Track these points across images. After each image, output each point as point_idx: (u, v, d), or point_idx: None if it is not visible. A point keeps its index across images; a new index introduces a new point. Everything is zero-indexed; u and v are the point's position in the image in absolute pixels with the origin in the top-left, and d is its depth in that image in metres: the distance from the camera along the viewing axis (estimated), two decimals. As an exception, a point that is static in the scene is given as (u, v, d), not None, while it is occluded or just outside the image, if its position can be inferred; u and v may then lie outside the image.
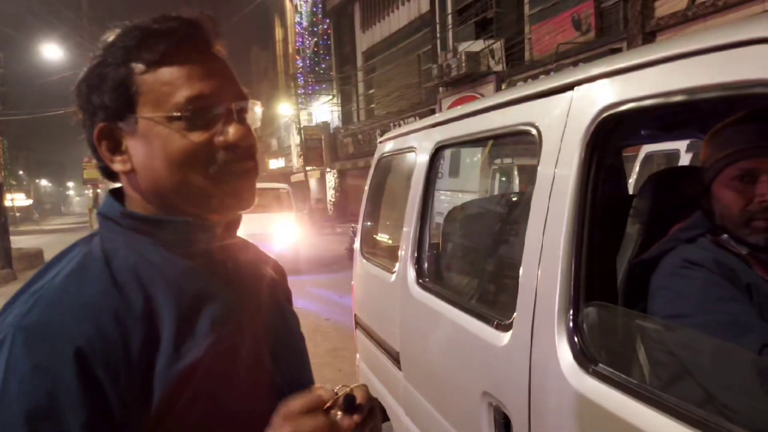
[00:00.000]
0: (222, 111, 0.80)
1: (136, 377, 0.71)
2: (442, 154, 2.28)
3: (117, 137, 0.81)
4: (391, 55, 22.16)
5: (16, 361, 0.67)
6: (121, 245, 0.80)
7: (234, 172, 0.81)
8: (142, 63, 0.78)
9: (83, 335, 0.69)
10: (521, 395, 1.42)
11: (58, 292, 0.73)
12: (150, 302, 0.75)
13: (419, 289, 2.20)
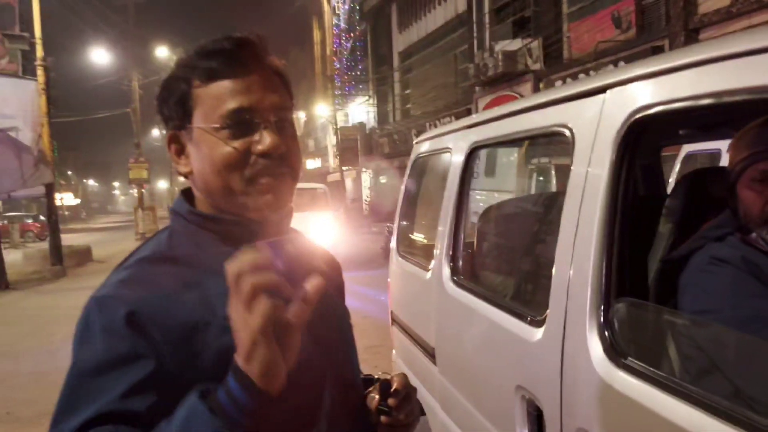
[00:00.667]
0: (260, 121, 0.89)
1: (189, 350, 0.81)
2: (477, 155, 2.33)
3: (182, 143, 0.93)
4: (427, 55, 22.18)
5: (91, 323, 0.82)
6: (184, 237, 0.92)
7: (267, 176, 0.90)
8: (198, 79, 0.89)
9: (140, 301, 0.81)
10: (553, 388, 1.46)
11: (130, 272, 0.87)
12: (203, 286, 0.86)
13: (454, 287, 2.26)
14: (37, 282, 13.85)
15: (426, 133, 3.06)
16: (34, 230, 30.32)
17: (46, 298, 11.63)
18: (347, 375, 1.02)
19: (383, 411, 0.99)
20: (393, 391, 0.99)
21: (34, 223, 31.36)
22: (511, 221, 2.38)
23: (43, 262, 15.45)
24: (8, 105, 14.34)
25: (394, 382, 1.01)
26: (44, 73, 15.02)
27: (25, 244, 26.78)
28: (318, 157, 38.23)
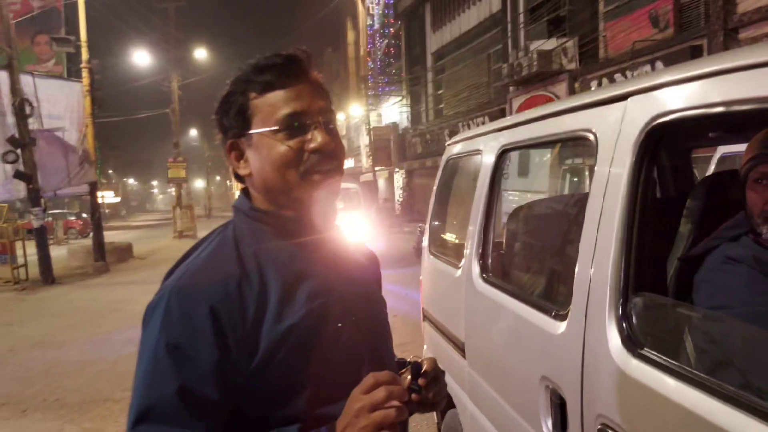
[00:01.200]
0: (310, 123, 1.03)
1: (249, 333, 0.95)
2: (507, 157, 2.43)
3: (241, 149, 1.06)
4: (460, 55, 22.18)
5: (170, 308, 0.94)
6: (247, 232, 1.05)
7: (319, 170, 1.03)
8: (254, 91, 1.03)
9: (216, 297, 0.94)
10: (575, 378, 1.55)
11: (201, 264, 1.00)
12: (263, 277, 0.99)
13: (483, 283, 2.36)
14: (81, 277, 14.35)
15: (458, 136, 3.16)
16: (77, 227, 31.29)
17: (90, 291, 12.06)
18: (383, 357, 1.13)
19: (414, 389, 1.09)
20: (423, 372, 1.10)
21: (76, 220, 32.35)
22: (538, 221, 2.46)
23: (87, 258, 15.97)
24: (56, 106, 14.89)
25: (424, 364, 1.12)
26: (89, 75, 15.53)
27: (68, 240, 27.65)
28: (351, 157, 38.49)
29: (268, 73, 1.03)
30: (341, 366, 1.02)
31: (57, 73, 21.76)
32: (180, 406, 0.89)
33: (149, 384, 0.92)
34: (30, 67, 19.50)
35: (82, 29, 15.47)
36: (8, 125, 13.07)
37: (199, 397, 0.91)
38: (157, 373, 0.91)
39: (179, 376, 0.90)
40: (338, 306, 1.05)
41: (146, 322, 0.98)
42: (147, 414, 0.90)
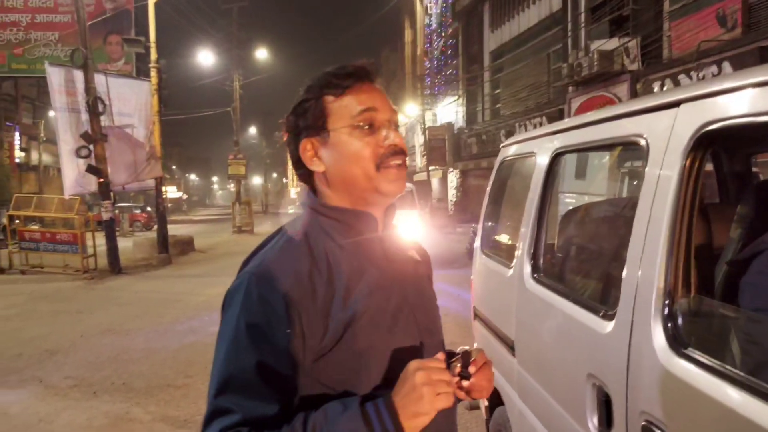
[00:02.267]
0: (383, 121, 1.15)
1: (318, 317, 1.05)
2: (560, 160, 2.47)
3: (315, 148, 1.16)
4: (519, 54, 21.92)
5: (250, 292, 1.04)
6: (316, 226, 1.15)
7: (393, 164, 1.14)
8: (331, 95, 1.15)
9: (290, 284, 1.04)
10: (621, 376, 1.60)
11: (276, 254, 1.10)
12: (330, 268, 1.10)
13: (534, 283, 2.41)
14: (145, 268, 14.99)
15: (512, 138, 3.21)
16: (141, 220, 32.61)
17: (154, 283, 12.60)
18: (435, 347, 1.22)
19: (464, 376, 1.18)
20: (473, 360, 1.19)
21: (141, 213, 33.70)
22: (589, 224, 2.49)
23: (151, 250, 16.64)
24: (126, 104, 15.60)
25: (473, 353, 1.21)
26: (157, 74, 16.18)
27: (133, 232, 28.86)
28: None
29: (343, 80, 1.14)
30: (398, 353, 1.11)
31: (126, 72, 22.73)
32: (257, 378, 0.99)
33: (230, 359, 1.02)
34: (101, 66, 20.44)
35: (151, 30, 16.15)
36: (82, 122, 13.80)
37: (274, 373, 1.00)
38: (238, 349, 1.01)
39: (257, 353, 1.00)
40: (396, 298, 1.15)
41: (227, 303, 1.08)
42: (227, 385, 1.00)
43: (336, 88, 1.14)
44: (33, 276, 13.82)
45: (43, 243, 14.35)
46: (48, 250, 14.25)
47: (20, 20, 23.89)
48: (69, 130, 14.14)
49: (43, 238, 14.47)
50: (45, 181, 31.92)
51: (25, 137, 31.49)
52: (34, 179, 31.95)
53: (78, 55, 13.18)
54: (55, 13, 23.54)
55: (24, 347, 7.03)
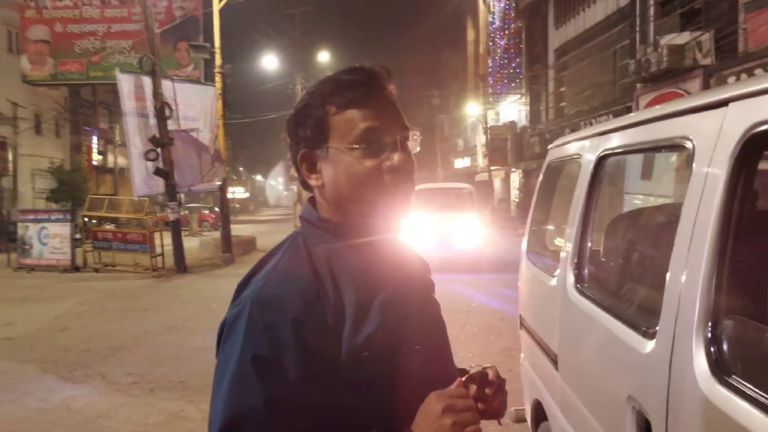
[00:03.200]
0: (389, 141, 1.04)
1: (329, 342, 0.96)
2: (606, 163, 2.32)
3: (314, 160, 1.07)
4: (584, 51, 21.27)
5: (253, 320, 0.95)
6: (318, 242, 1.06)
7: (395, 190, 1.04)
8: (334, 106, 1.04)
9: (299, 309, 0.95)
10: (661, 401, 1.47)
11: (279, 276, 1.01)
12: (338, 287, 1.01)
13: (577, 294, 2.27)
14: (209, 267, 15.45)
15: (559, 139, 3.06)
16: (210, 220, 33.66)
17: (216, 282, 12.94)
18: (447, 362, 1.15)
19: (480, 399, 1.09)
20: (489, 381, 1.10)
21: (209, 213, 34.80)
22: (637, 231, 2.33)
23: (216, 250, 17.15)
24: (192, 108, 16.14)
25: (490, 373, 1.12)
26: (221, 79, 16.64)
27: (202, 232, 29.85)
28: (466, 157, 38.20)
29: (349, 90, 1.04)
30: (415, 371, 1.03)
31: (195, 77, 23.53)
32: (268, 417, 0.91)
33: (235, 396, 0.92)
34: (171, 72, 21.24)
35: (216, 36, 16.62)
36: (150, 126, 14.36)
37: (285, 409, 0.92)
38: (244, 384, 0.92)
39: (266, 388, 0.92)
40: (408, 314, 1.07)
41: (228, 334, 0.98)
42: (234, 425, 0.91)
43: (340, 98, 1.03)
44: (105, 274, 14.49)
45: (114, 242, 15.04)
46: (119, 249, 14.93)
47: (97, 30, 25.18)
48: (138, 134, 14.76)
49: (115, 237, 15.16)
50: (120, 183, 33.44)
51: (102, 141, 33.14)
52: (110, 181, 33.55)
53: (146, 62, 13.73)
54: (129, 22, 24.64)
55: (92, 343, 7.34)
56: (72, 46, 25.05)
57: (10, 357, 6.73)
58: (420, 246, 12.94)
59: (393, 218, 1.08)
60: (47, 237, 15.02)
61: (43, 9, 24.97)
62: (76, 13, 25.13)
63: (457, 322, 8.04)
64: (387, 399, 0.99)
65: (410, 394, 0.99)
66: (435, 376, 1.06)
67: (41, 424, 4.69)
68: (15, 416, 4.86)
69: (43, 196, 25.15)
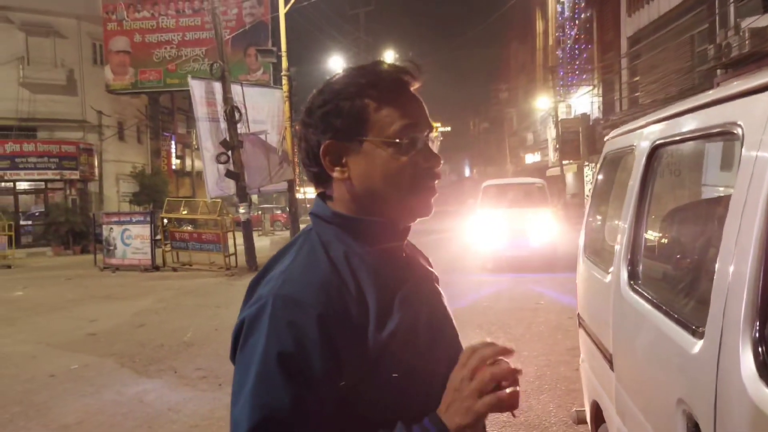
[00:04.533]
0: (422, 139, 1.03)
1: (355, 338, 0.95)
2: (660, 154, 2.20)
3: (340, 153, 1.03)
4: (660, 38, 20.30)
5: (276, 317, 0.93)
6: (333, 238, 1.03)
7: (425, 187, 1.04)
8: (373, 99, 1.02)
9: (322, 304, 0.94)
10: (709, 404, 1.38)
11: (300, 271, 0.99)
12: (359, 283, 0.99)
13: (630, 291, 2.17)
14: (279, 266, 15.82)
15: (616, 130, 2.93)
16: (282, 220, 34.53)
17: (285, 280, 13.24)
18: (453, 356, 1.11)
19: None
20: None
21: (281, 213, 35.71)
22: (691, 224, 2.19)
23: (285, 248, 17.55)
24: (260, 111, 16.60)
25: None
26: (288, 81, 17.03)
27: (274, 232, 30.68)
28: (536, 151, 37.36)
29: (386, 84, 1.03)
30: (434, 366, 1.02)
31: (264, 81, 24.17)
32: (296, 416, 0.89)
33: (262, 396, 0.90)
34: (242, 77, 21.92)
35: (282, 40, 17.01)
36: (221, 130, 14.87)
37: (313, 407, 0.91)
38: (270, 384, 0.90)
39: (293, 386, 0.90)
40: (425, 312, 1.06)
41: (249, 332, 0.95)
42: (263, 426, 0.89)
43: (377, 91, 1.02)
44: (182, 273, 15.13)
45: (191, 242, 15.70)
46: (195, 249, 15.57)
47: (173, 39, 26.31)
48: (210, 138, 15.31)
49: (191, 238, 15.82)
50: (198, 185, 34.80)
51: (180, 145, 34.61)
52: (189, 184, 35.01)
53: (217, 69, 14.21)
54: (202, 30, 25.60)
55: (166, 338, 7.68)
56: (150, 55, 26.29)
57: (92, 351, 7.14)
58: (491, 245, 12.69)
59: (417, 216, 1.06)
60: (130, 238, 15.86)
61: (123, 21, 26.32)
62: (153, 24, 26.35)
63: (522, 321, 7.89)
64: (411, 392, 0.98)
65: (431, 386, 0.98)
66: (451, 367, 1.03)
67: (115, 416, 4.94)
68: (92, 408, 5.14)
69: (127, 199, 26.54)
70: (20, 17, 25.05)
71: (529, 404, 4.74)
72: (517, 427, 4.33)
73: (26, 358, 6.95)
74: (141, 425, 4.68)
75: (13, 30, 25.02)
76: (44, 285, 13.63)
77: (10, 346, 7.62)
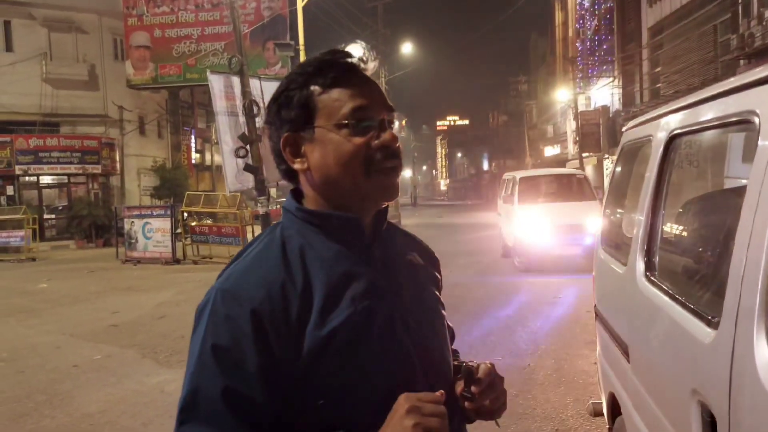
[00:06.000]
0: (376, 120, 1.02)
1: (292, 335, 0.95)
2: (678, 144, 2.18)
3: (298, 143, 1.04)
4: (682, 28, 19.97)
5: (216, 310, 0.96)
6: (294, 233, 1.04)
7: (384, 168, 1.02)
8: (318, 86, 1.03)
9: (258, 299, 0.95)
10: (723, 394, 1.37)
11: (246, 266, 1.01)
12: (308, 279, 0.99)
13: (646, 282, 2.16)
14: (296, 258, 15.91)
15: (633, 120, 2.90)
16: (300, 214, 34.69)
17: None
18: (435, 362, 1.07)
19: (466, 397, 1.03)
20: (476, 379, 1.04)
21: (299, 207, 35.84)
22: (707, 215, 2.17)
23: (303, 242, 17.64)
24: (278, 105, 16.60)
25: (478, 370, 1.06)
26: (306, 75, 17.05)
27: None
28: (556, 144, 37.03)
29: (333, 69, 1.02)
30: (390, 371, 0.99)
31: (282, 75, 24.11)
32: (223, 408, 0.91)
33: (195, 385, 0.94)
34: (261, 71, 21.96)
35: (300, 34, 17.05)
36: (240, 124, 14.96)
37: (242, 400, 0.92)
38: (203, 374, 0.93)
39: (223, 378, 0.92)
40: (386, 308, 1.01)
41: (196, 323, 1.00)
42: (191, 413, 0.93)
43: (324, 78, 1.01)
44: (203, 266, 15.29)
45: (211, 236, 15.85)
46: (215, 242, 15.72)
47: (192, 33, 26.47)
48: (229, 132, 15.42)
49: (211, 231, 15.97)
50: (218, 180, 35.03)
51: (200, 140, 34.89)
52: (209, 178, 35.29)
53: (235, 63, 14.29)
54: (221, 24, 25.71)
55: (186, 330, 7.65)
56: (170, 50, 26.49)
57: (115, 342, 7.27)
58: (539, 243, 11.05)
59: (378, 200, 1.05)
60: (151, 231, 16.06)
61: (143, 16, 26.55)
62: (172, 19, 26.53)
63: (540, 314, 7.86)
64: (354, 399, 0.95)
65: (383, 394, 0.95)
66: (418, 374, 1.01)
67: (137, 405, 5.03)
68: (115, 397, 5.24)
69: (148, 193, 26.84)
70: (42, 13, 25.40)
71: (546, 397, 4.74)
72: (534, 418, 4.33)
73: (51, 349, 7.10)
74: (162, 414, 4.75)
75: (36, 26, 25.39)
76: (68, 277, 13.88)
77: (36, 336, 7.78)
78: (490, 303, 8.67)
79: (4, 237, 19.13)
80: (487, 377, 1.04)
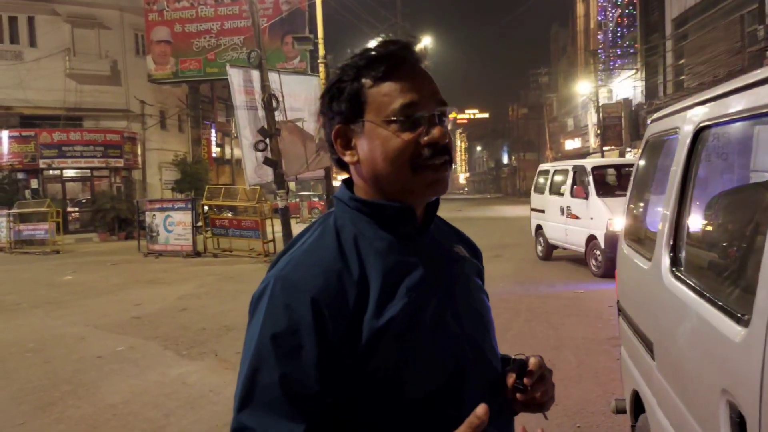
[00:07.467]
0: (426, 115, 1.00)
1: (349, 324, 0.94)
2: (706, 136, 2.13)
3: (348, 136, 1.04)
4: (707, 18, 19.57)
5: (274, 298, 0.96)
6: (347, 222, 1.04)
7: (433, 165, 1.00)
8: (369, 79, 1.02)
9: (317, 288, 0.95)
10: (754, 394, 1.34)
11: (304, 254, 1.01)
12: (363, 269, 0.98)
13: (672, 279, 2.11)
14: (316, 252, 15.97)
15: (659, 112, 2.84)
16: (319, 207, 34.77)
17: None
18: (485, 353, 1.07)
19: (518, 389, 1.04)
20: (528, 371, 1.04)
21: (319, 201, 35.99)
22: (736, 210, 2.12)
23: (322, 235, 17.70)
24: (297, 99, 16.69)
25: (529, 362, 1.06)
26: (324, 69, 17.05)
27: (312, 218, 30.95)
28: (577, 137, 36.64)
29: (383, 62, 1.01)
30: (441, 362, 0.99)
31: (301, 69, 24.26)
32: (281, 395, 0.91)
33: (253, 372, 0.94)
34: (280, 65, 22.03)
35: (318, 27, 17.00)
36: (259, 118, 15.02)
37: (300, 388, 0.92)
38: (261, 362, 0.94)
39: (281, 366, 0.92)
40: (437, 299, 1.02)
41: (253, 310, 1.00)
42: (250, 400, 0.93)
43: (375, 71, 1.01)
44: (223, 258, 15.43)
45: (231, 229, 15.97)
46: (235, 235, 15.85)
47: (212, 28, 26.64)
48: (248, 126, 15.50)
49: (231, 224, 16.10)
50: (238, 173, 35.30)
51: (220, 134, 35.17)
52: (229, 171, 35.58)
53: (254, 57, 14.33)
54: (240, 18, 25.84)
55: (207, 322, 7.86)
56: (190, 45, 26.69)
57: (137, 334, 7.36)
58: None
59: (426, 195, 1.04)
60: (172, 225, 16.24)
61: (163, 11, 26.77)
62: (192, 13, 26.72)
63: (559, 310, 7.79)
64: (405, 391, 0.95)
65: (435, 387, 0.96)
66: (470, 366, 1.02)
67: (159, 396, 5.09)
68: (137, 388, 5.31)
69: (169, 186, 27.14)
70: (66, 9, 25.75)
71: (568, 392, 4.70)
72: (555, 414, 4.29)
73: (76, 340, 7.22)
74: (183, 406, 4.81)
75: (60, 22, 25.76)
76: (91, 270, 14.11)
77: (61, 327, 7.92)
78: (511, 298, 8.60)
79: (30, 230, 19.50)
80: (539, 370, 1.04)
